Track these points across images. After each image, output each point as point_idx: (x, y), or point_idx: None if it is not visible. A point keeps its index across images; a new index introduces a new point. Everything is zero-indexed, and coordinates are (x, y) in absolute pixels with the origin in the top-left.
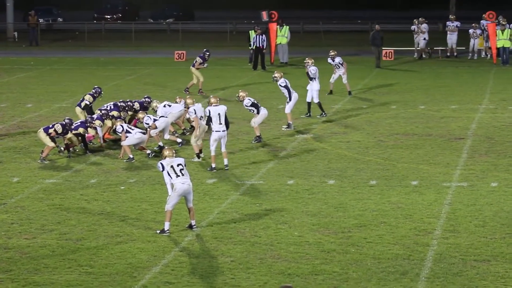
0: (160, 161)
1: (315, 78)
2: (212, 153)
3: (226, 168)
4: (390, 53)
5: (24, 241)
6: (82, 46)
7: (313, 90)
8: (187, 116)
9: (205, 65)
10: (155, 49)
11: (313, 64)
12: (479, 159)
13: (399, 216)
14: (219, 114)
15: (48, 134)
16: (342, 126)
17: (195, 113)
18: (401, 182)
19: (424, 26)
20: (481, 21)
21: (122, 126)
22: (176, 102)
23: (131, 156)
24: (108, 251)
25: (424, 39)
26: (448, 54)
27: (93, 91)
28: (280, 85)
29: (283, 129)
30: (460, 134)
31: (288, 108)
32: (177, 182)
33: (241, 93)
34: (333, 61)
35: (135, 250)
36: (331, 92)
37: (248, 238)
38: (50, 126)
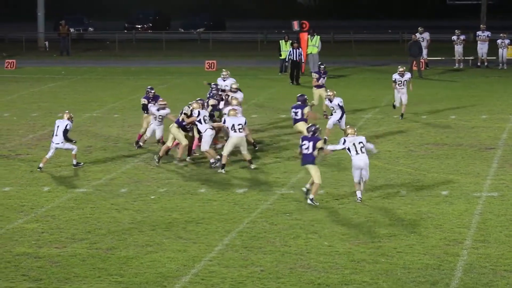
0: (344, 137)
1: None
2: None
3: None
4: (422, 62)
5: (54, 250)
6: (112, 55)
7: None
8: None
9: (320, 80)
10: (185, 59)
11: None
12: (510, 169)
13: (429, 226)
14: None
15: (182, 126)
16: (372, 136)
17: (200, 122)
18: (432, 192)
19: (426, 35)
20: None
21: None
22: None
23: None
24: (138, 261)
25: (425, 47)
26: (479, 64)
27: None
28: (338, 104)
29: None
30: (491, 144)
31: (331, 123)
32: (355, 158)
33: (330, 92)
34: (402, 77)
35: (165, 260)
36: (394, 107)
37: (278, 248)
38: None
